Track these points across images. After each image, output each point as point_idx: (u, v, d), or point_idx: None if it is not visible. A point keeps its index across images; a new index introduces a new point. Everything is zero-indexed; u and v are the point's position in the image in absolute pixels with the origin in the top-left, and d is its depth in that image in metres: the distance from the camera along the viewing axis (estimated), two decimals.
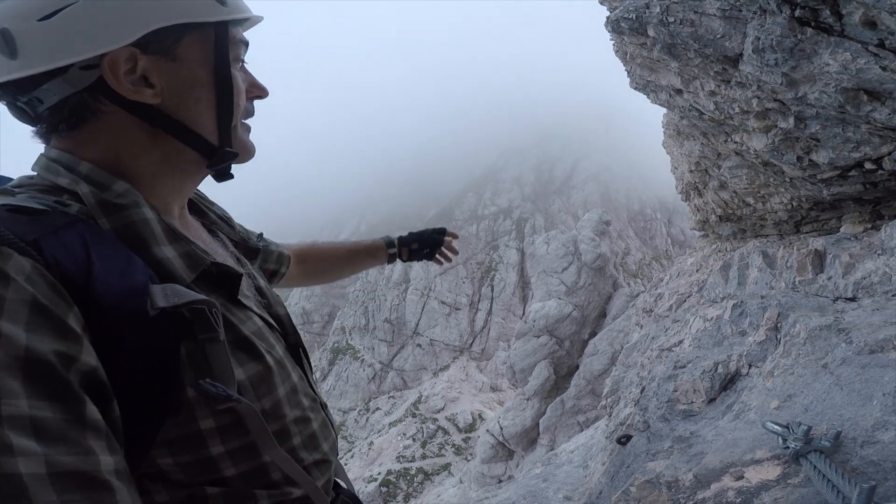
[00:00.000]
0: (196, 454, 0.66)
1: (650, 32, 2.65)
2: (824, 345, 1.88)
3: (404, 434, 26.93)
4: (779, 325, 2.30)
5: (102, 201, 0.65)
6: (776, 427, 1.49)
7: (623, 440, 2.56)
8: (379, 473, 24.30)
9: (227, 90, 0.74)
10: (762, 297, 2.71)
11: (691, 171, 4.63)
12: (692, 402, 2.32)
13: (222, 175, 0.81)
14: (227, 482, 0.69)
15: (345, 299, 40.07)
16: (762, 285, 3.17)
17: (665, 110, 4.35)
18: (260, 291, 0.87)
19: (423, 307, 34.87)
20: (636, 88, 3.55)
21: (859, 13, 1.81)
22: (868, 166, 2.51)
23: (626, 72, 3.52)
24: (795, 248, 3.01)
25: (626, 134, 48.96)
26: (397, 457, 25.37)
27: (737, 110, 2.73)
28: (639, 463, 2.13)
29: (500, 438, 13.57)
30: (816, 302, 2.39)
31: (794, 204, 3.55)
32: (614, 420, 3.45)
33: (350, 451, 26.93)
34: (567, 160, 47.25)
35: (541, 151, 48.40)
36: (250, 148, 0.82)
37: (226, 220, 0.97)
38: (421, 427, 27.02)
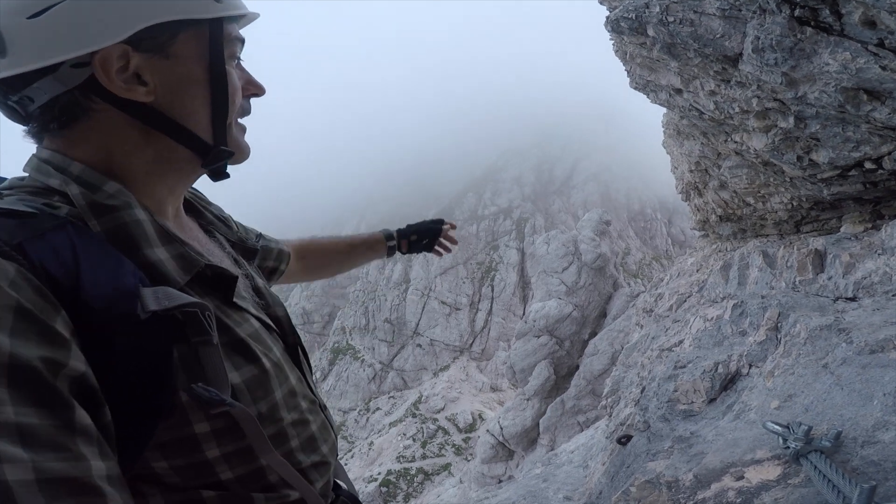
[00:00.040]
0: (191, 458, 0.65)
1: (650, 32, 2.64)
2: (825, 345, 1.88)
3: (404, 434, 26.94)
4: (779, 325, 2.29)
5: (93, 203, 0.64)
6: (776, 427, 1.49)
7: (623, 440, 2.55)
8: (379, 473, 24.32)
9: (223, 87, 0.73)
10: (762, 297, 2.70)
11: (691, 171, 4.63)
12: (692, 402, 2.32)
13: (218, 174, 0.80)
14: (224, 486, 0.68)
15: (345, 299, 40.10)
16: (762, 285, 3.16)
17: (665, 110, 4.35)
18: (258, 292, 0.86)
19: (424, 307, 34.89)
20: (636, 88, 3.55)
21: (859, 13, 1.81)
22: (868, 166, 2.51)
23: (626, 72, 3.51)
24: (796, 248, 3.01)
25: (626, 134, 48.99)
26: (397, 457, 25.38)
27: (737, 110, 2.73)
28: (639, 463, 2.13)
29: (501, 438, 13.56)
30: (817, 302, 2.39)
31: (795, 204, 3.55)
32: (614, 420, 3.44)
33: (350, 452, 26.95)
34: (567, 160, 47.24)
35: (541, 151, 48.39)
36: (245, 148, 0.81)
37: (223, 220, 0.96)
38: (421, 427, 27.03)
